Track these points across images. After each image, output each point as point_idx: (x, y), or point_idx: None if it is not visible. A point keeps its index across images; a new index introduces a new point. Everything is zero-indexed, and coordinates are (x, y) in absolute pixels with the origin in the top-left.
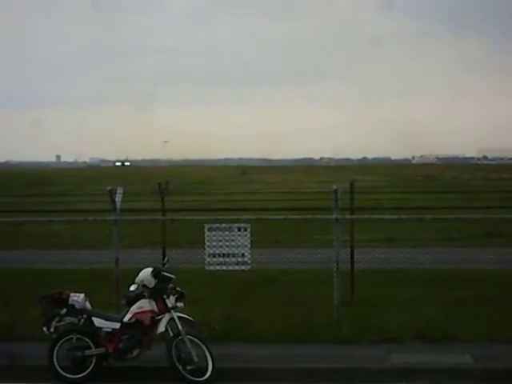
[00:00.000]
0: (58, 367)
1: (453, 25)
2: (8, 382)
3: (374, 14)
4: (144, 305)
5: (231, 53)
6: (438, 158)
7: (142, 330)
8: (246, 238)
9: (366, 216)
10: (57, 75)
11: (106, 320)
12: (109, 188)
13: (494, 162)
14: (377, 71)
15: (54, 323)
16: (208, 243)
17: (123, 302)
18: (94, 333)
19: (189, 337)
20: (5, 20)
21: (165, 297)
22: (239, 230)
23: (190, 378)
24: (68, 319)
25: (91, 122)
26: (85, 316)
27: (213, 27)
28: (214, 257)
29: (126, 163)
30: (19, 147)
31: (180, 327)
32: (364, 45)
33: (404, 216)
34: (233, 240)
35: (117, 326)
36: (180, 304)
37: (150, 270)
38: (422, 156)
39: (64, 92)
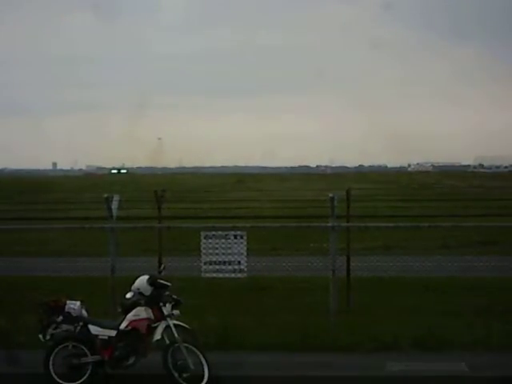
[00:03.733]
0: (54, 374)
1: (449, 33)
2: None
3: (372, 22)
4: (140, 312)
5: (229, 60)
6: (434, 166)
7: (138, 337)
8: (242, 245)
9: (362, 224)
10: (53, 82)
11: (103, 327)
12: (105, 195)
13: (490, 170)
14: (373, 79)
15: (50, 330)
16: (204, 251)
17: (119, 309)
18: (91, 340)
19: (185, 344)
20: (1, 25)
21: (161, 304)
22: (235, 237)
23: None
24: (64, 327)
25: (88, 129)
26: (81, 323)
27: (211, 34)
28: (211, 264)
29: (122, 171)
30: (15, 154)
31: (176, 335)
32: (360, 53)
33: (400, 224)
34: (229, 247)
35: (113, 333)
36: (176, 312)
37: (146, 277)
38: (418, 164)
39: (60, 99)
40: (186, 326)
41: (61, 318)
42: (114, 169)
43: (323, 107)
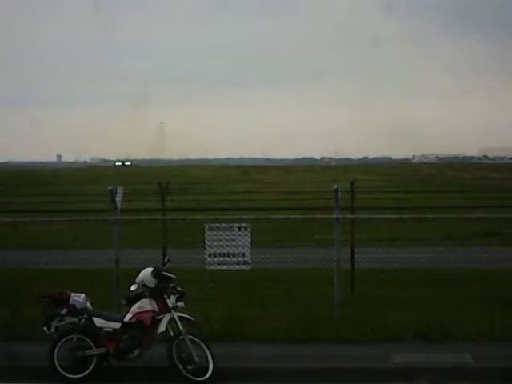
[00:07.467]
0: (58, 367)
1: (454, 24)
2: (8, 382)
3: (376, 12)
4: (144, 305)
5: (231, 52)
6: (438, 158)
7: (142, 329)
8: (246, 237)
9: (366, 215)
10: (56, 75)
11: (107, 320)
12: (109, 188)
13: (493, 162)
14: (377, 71)
15: (54, 323)
16: (208, 243)
17: (124, 301)
18: (95, 333)
19: (189, 336)
20: (4, 20)
21: (165, 297)
22: (240, 229)
23: (191, 377)
24: (69, 319)
25: (91, 121)
26: (85, 316)
27: (212, 27)
28: (215, 256)
29: (127, 163)
30: (19, 147)
31: (181, 327)
32: (365, 44)
33: (404, 215)
34: (233, 240)
35: (117, 325)
36: (180, 304)
37: (150, 269)
38: (422, 155)
39: (64, 91)
40: (191, 317)
41: (65, 310)
42: (118, 161)
43: (328, 99)
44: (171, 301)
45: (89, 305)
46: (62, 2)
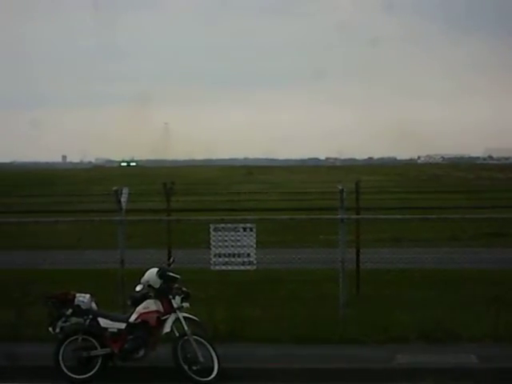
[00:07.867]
0: (63, 367)
1: (458, 23)
2: (13, 383)
3: (378, 13)
4: (150, 305)
5: (235, 52)
6: (443, 158)
7: (147, 330)
8: (251, 238)
9: (371, 216)
10: (58, 75)
11: (112, 320)
12: (114, 188)
13: (498, 162)
14: (379, 71)
15: (59, 323)
16: (213, 243)
17: (129, 302)
18: (100, 333)
19: (195, 337)
20: (7, 20)
21: (170, 297)
22: (245, 230)
23: (196, 378)
24: (74, 319)
25: (97, 122)
26: (91, 316)
27: (212, 27)
28: (220, 257)
29: (132, 163)
30: (24, 148)
31: (186, 327)
32: (366, 44)
33: (409, 216)
34: (238, 240)
35: (122, 326)
36: (186, 304)
37: (155, 270)
38: (427, 156)
39: (69, 92)
40: (196, 318)
41: (70, 311)
42: (123, 161)
43: (332, 99)
44: (176, 301)
45: (94, 305)
46: (63, 2)
